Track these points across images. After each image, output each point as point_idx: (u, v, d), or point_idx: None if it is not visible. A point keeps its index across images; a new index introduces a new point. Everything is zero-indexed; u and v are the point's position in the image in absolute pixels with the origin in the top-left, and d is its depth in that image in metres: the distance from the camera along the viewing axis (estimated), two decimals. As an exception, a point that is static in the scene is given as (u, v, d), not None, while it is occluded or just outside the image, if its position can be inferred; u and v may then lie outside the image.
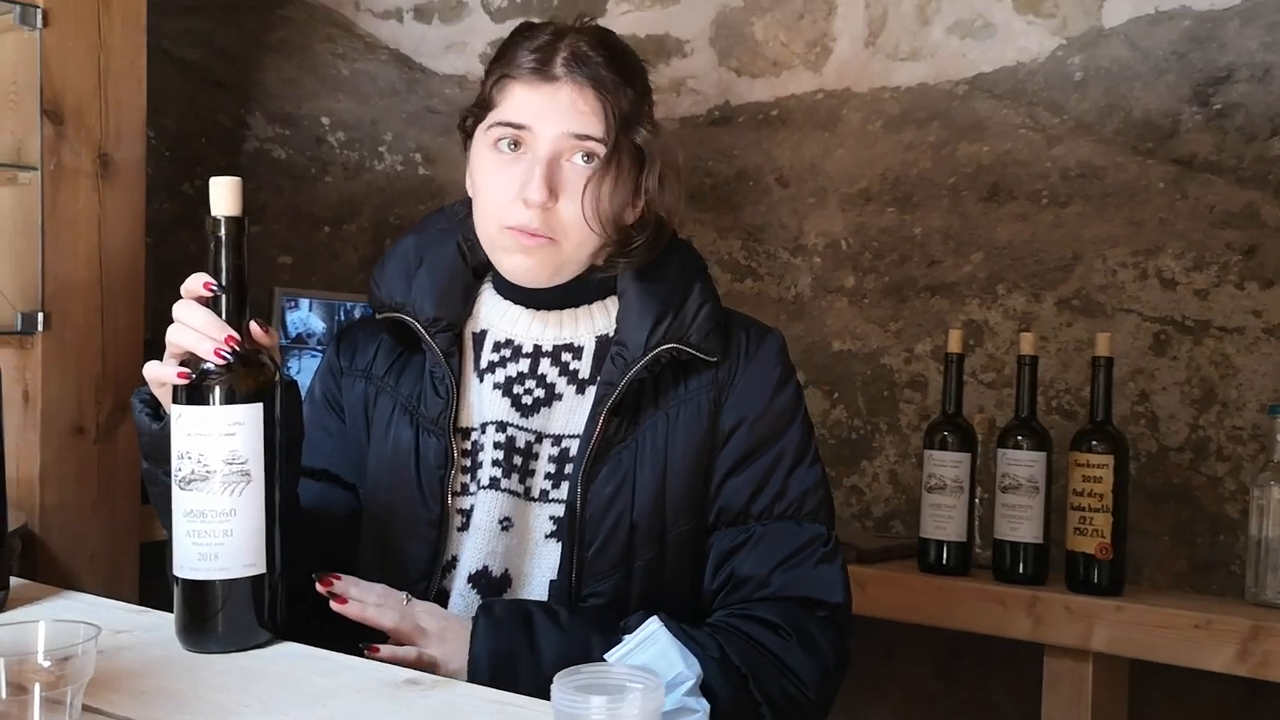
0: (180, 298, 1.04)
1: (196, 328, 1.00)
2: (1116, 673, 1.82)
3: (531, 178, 1.15)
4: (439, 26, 2.88)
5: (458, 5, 2.86)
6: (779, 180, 2.44)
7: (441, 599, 1.20)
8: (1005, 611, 1.81)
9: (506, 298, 1.26)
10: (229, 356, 1.00)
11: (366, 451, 1.28)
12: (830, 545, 1.20)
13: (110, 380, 2.05)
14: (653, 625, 1.02)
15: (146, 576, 2.10)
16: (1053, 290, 2.11)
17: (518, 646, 1.06)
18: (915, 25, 2.35)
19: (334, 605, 1.07)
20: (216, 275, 1.01)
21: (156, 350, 1.07)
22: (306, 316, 2.47)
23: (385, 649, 1.05)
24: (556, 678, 0.73)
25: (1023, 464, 1.85)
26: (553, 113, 1.17)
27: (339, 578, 1.03)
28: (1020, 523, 1.85)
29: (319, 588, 1.01)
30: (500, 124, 1.18)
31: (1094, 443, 1.80)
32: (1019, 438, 1.87)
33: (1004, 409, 2.09)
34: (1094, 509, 1.79)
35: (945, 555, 1.91)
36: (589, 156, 1.17)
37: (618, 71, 1.20)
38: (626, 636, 1.05)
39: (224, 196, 1.02)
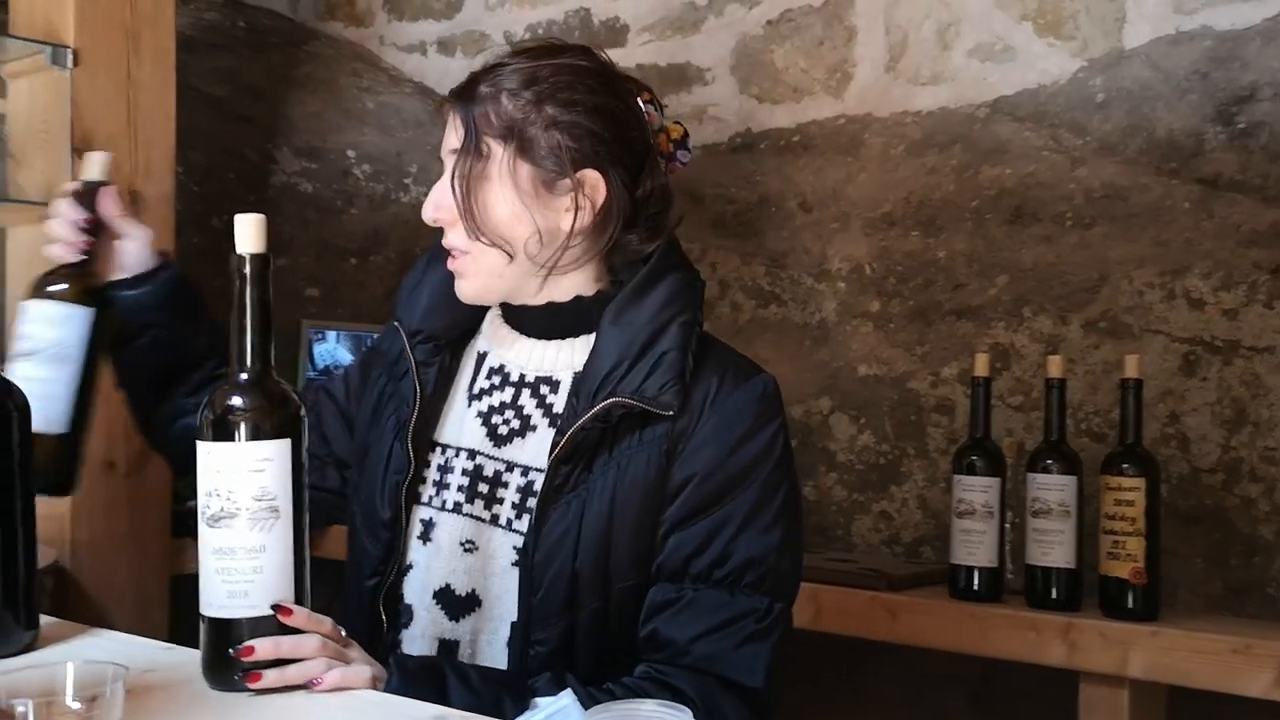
0: None
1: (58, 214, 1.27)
2: (1153, 700, 1.79)
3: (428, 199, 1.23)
4: (462, 59, 2.91)
5: (480, 37, 2.89)
6: (802, 206, 2.44)
7: (393, 601, 1.25)
8: (1039, 638, 1.79)
9: (506, 322, 1.30)
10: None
11: (360, 437, 1.35)
12: (765, 622, 1.15)
13: (140, 416, 2.05)
14: (565, 699, 1.01)
15: (176, 610, 2.12)
16: (1079, 312, 2.10)
17: (428, 701, 1.05)
18: (935, 50, 2.36)
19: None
20: (240, 311, 1.03)
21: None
22: (334, 348, 2.48)
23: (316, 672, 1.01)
24: (589, 714, 0.73)
25: (1053, 488, 1.84)
26: (445, 138, 1.23)
27: (291, 610, 1.01)
28: (1052, 548, 1.83)
29: (279, 616, 1.00)
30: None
31: (1125, 465, 1.79)
32: (1048, 461, 1.86)
33: (1033, 432, 2.07)
34: (1126, 533, 1.77)
35: (976, 581, 1.89)
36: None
37: (517, 79, 1.19)
38: (538, 700, 1.05)
39: (249, 233, 1.03)
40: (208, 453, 1.01)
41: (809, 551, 2.23)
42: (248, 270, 1.03)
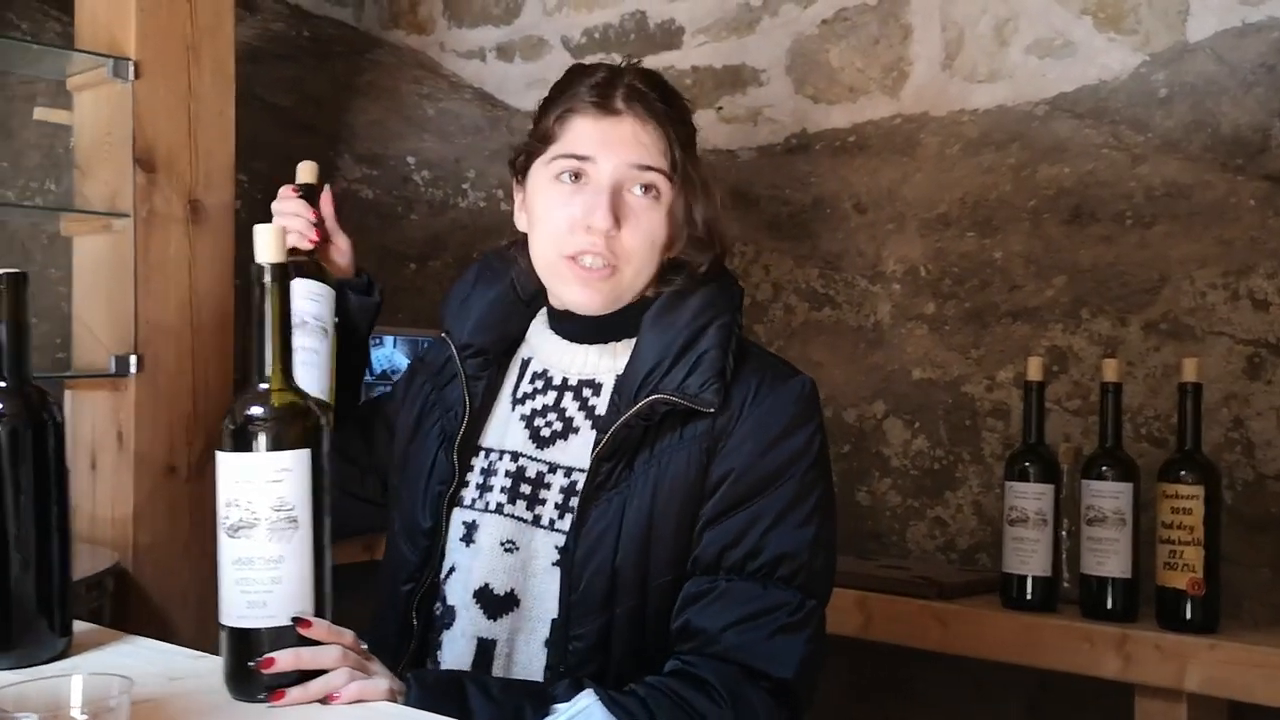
0: None
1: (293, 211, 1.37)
2: (1212, 714, 1.74)
3: (597, 206, 1.19)
4: (520, 64, 2.92)
5: (539, 43, 2.90)
6: (856, 207, 2.41)
7: (429, 604, 1.26)
8: (1093, 650, 1.74)
9: (552, 328, 1.32)
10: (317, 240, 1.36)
11: (401, 445, 1.37)
12: (798, 615, 1.16)
13: (201, 420, 2.10)
14: (585, 699, 1.01)
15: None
16: (1139, 314, 2.04)
17: (449, 713, 1.05)
18: (993, 46, 2.31)
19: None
20: (260, 320, 1.04)
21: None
22: (391, 353, 2.51)
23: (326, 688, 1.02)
24: None
25: (1108, 495, 1.79)
26: (616, 144, 1.20)
27: (311, 623, 1.02)
28: (1107, 557, 1.78)
29: (298, 628, 1.02)
30: (564, 156, 1.22)
31: (1183, 472, 1.73)
32: (1104, 468, 1.81)
33: (1090, 437, 2.02)
34: (1184, 542, 1.71)
35: (1029, 590, 1.85)
36: (647, 188, 1.21)
37: (672, 107, 1.24)
38: (558, 707, 1.06)
39: (268, 243, 1.04)
40: (226, 463, 1.03)
41: (862, 558, 2.21)
42: (267, 280, 1.04)
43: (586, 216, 1.19)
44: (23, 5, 2.46)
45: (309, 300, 1.33)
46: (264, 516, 1.02)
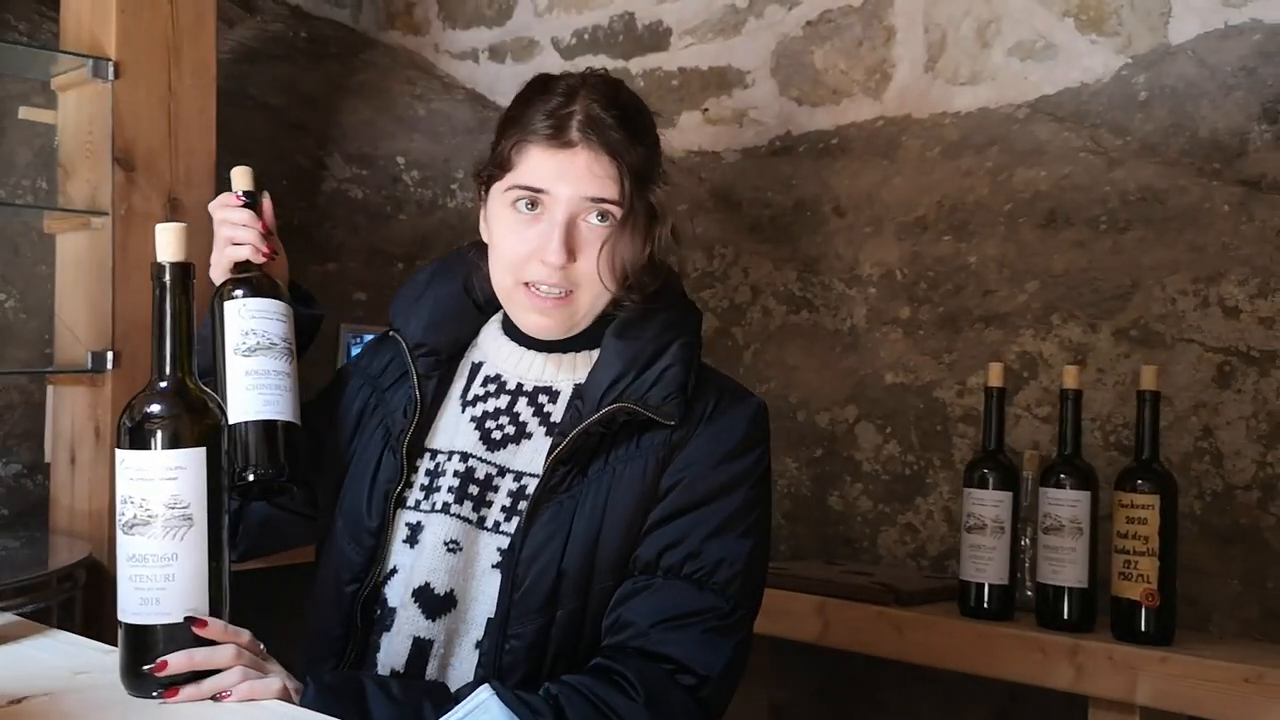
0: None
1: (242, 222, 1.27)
2: (1167, 728, 1.71)
3: (550, 240, 1.19)
4: (512, 65, 2.93)
5: (530, 44, 2.91)
6: (836, 210, 2.40)
7: (371, 605, 1.26)
8: (1045, 660, 1.72)
9: (507, 334, 1.32)
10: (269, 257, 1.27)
11: (341, 448, 1.34)
12: (728, 620, 1.18)
13: (176, 416, 2.11)
14: (483, 694, 1.01)
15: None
16: (1109, 320, 2.01)
17: (348, 713, 1.05)
18: (975, 48, 2.29)
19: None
20: (160, 319, 1.05)
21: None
22: (371, 352, 2.53)
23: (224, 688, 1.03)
24: None
25: (1065, 504, 1.77)
26: (571, 177, 1.20)
27: (206, 622, 1.03)
28: (1063, 566, 1.76)
29: (194, 628, 1.02)
30: (519, 187, 1.22)
31: (1139, 481, 1.71)
32: (1061, 476, 1.79)
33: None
34: (1139, 552, 1.69)
35: (986, 599, 1.83)
36: (603, 216, 1.21)
37: (630, 131, 1.23)
38: (459, 705, 1.05)
39: (169, 242, 1.05)
40: (123, 460, 1.04)
41: (829, 563, 2.20)
42: (167, 279, 1.05)
43: (541, 250, 1.20)
44: (21, 6, 2.50)
45: (275, 320, 1.25)
46: (158, 514, 1.02)
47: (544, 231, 1.20)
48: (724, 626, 1.17)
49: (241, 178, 1.35)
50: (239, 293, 1.25)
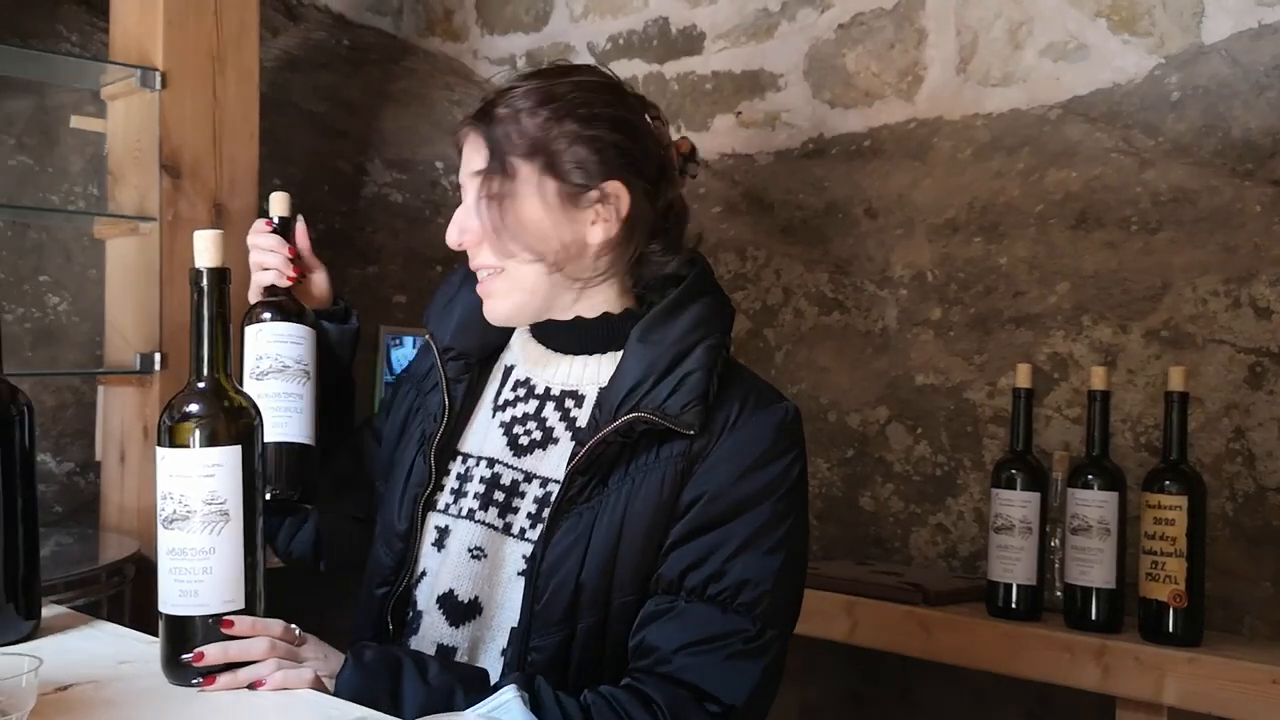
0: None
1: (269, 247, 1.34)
2: (1195, 728, 1.71)
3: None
4: (549, 70, 2.97)
5: (566, 49, 2.94)
6: (867, 212, 2.41)
7: (401, 608, 1.27)
8: (1073, 660, 1.73)
9: (535, 337, 1.31)
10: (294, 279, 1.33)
11: (392, 453, 1.37)
12: (754, 643, 1.13)
13: (220, 416, 2.17)
14: (507, 694, 1.01)
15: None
16: (1140, 321, 2.01)
17: (379, 694, 1.07)
18: (1007, 50, 2.30)
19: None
20: (199, 322, 1.10)
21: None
22: (409, 353, 2.58)
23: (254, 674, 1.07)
24: None
25: (1092, 504, 1.77)
26: (464, 163, 1.24)
27: (233, 623, 1.07)
28: (1090, 566, 1.77)
29: (222, 628, 1.06)
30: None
31: (1166, 482, 1.71)
32: (1089, 476, 1.79)
33: (1090, 446, 2.00)
34: (1166, 553, 1.69)
35: (1014, 599, 1.84)
36: (486, 191, 1.21)
37: (534, 98, 1.21)
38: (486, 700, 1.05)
39: (207, 249, 1.10)
40: (163, 457, 1.08)
41: (860, 564, 2.21)
42: (205, 284, 1.10)
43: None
44: (74, 18, 2.58)
45: (290, 344, 1.30)
46: (196, 509, 1.06)
47: None
48: (751, 650, 1.13)
49: (278, 204, 1.40)
50: (263, 316, 1.31)
